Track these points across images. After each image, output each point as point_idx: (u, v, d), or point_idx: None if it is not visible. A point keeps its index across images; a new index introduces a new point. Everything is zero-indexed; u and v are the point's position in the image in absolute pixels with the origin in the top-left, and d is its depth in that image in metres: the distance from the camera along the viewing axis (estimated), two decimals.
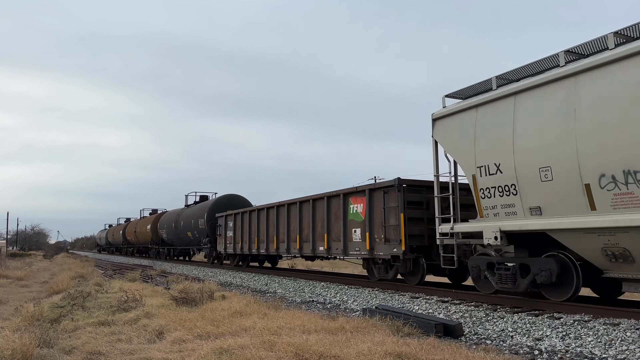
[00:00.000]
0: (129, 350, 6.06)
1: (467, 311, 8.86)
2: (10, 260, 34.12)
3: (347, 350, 5.37)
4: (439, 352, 5.42)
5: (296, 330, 6.66)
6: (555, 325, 7.33)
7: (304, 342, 5.65)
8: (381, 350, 5.38)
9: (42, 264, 34.70)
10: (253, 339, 5.99)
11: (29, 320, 8.26)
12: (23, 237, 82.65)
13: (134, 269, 24.80)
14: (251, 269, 21.73)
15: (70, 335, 7.37)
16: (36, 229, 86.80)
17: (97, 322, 8.05)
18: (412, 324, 7.04)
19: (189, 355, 5.56)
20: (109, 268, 27.26)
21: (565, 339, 6.60)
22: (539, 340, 6.66)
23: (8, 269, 23.45)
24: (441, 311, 9.05)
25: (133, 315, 8.48)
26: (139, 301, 9.85)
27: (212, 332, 6.73)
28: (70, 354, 6.20)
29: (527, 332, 7.09)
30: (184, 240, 31.26)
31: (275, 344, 5.69)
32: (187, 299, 9.71)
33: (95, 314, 9.01)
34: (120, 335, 7.05)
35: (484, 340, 6.86)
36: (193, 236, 29.30)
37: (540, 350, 6.18)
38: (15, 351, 5.69)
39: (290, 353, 5.32)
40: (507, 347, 6.42)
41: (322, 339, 5.98)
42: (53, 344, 6.62)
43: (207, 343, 5.98)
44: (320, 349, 5.38)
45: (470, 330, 7.48)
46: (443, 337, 6.86)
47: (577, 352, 6.03)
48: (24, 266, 27.84)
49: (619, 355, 5.77)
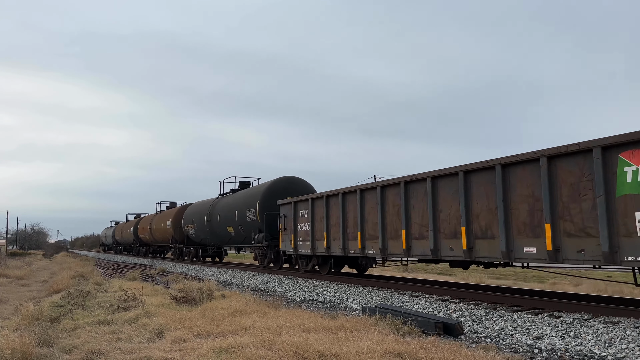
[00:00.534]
0: (129, 350, 6.06)
1: (466, 310, 8.86)
2: (10, 260, 34.15)
3: (346, 349, 5.37)
4: (438, 350, 5.42)
5: (296, 329, 6.66)
6: (555, 323, 7.33)
7: (303, 341, 5.65)
8: (381, 349, 5.38)
9: (41, 263, 34.70)
10: (253, 338, 5.99)
11: (28, 320, 8.25)
12: (23, 236, 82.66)
13: (134, 268, 24.82)
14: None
15: (70, 334, 7.37)
16: (36, 228, 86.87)
17: (97, 321, 8.06)
18: (411, 323, 7.05)
19: (189, 354, 5.56)
20: (108, 267, 27.26)
21: (565, 337, 6.61)
22: (539, 339, 6.67)
23: (8, 268, 23.47)
24: (441, 310, 9.05)
25: (133, 315, 8.48)
26: (138, 300, 9.85)
27: (212, 331, 6.73)
28: (70, 353, 6.19)
29: (527, 331, 7.09)
30: (222, 236, 24.96)
31: (275, 342, 5.70)
32: (186, 298, 9.72)
33: (95, 313, 9.01)
34: (120, 334, 7.05)
35: (484, 338, 6.86)
36: (236, 231, 22.72)
37: (540, 349, 6.18)
38: (15, 350, 5.69)
39: (290, 352, 5.32)
40: (507, 345, 6.43)
41: (322, 337, 5.99)
42: (53, 343, 6.62)
43: (207, 342, 5.98)
44: (320, 348, 5.38)
45: (470, 328, 7.49)
46: (443, 336, 6.86)
47: (577, 350, 6.03)
48: (23, 265, 27.87)
49: (619, 353, 5.77)
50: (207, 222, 26.12)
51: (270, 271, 19.04)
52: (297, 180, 20.77)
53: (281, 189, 19.83)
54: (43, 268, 28.80)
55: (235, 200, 23.07)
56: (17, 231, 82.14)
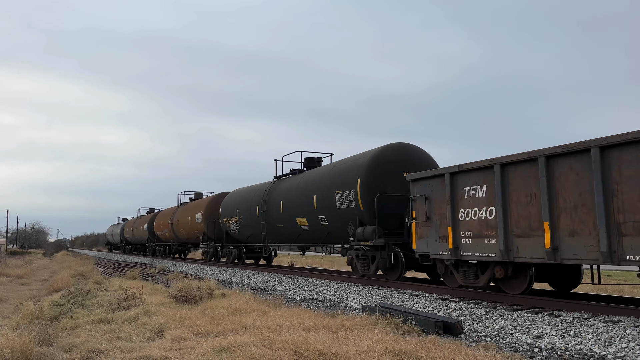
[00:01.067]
0: (129, 348, 6.06)
1: (466, 309, 8.86)
2: (10, 259, 34.15)
3: (346, 348, 5.37)
4: (438, 349, 5.42)
5: (296, 328, 6.66)
6: (555, 322, 7.33)
7: (303, 340, 5.65)
8: (381, 348, 5.38)
9: (42, 262, 34.69)
10: (253, 337, 5.99)
11: (28, 319, 8.26)
12: (23, 235, 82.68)
13: (134, 266, 24.83)
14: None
15: (70, 333, 7.37)
16: (36, 227, 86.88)
17: (97, 320, 8.06)
18: (411, 322, 7.05)
19: (189, 353, 5.56)
20: (108, 266, 27.27)
21: (565, 336, 6.60)
22: (539, 338, 6.67)
23: (8, 267, 23.46)
24: (441, 309, 9.05)
25: (133, 313, 8.48)
26: (138, 299, 9.86)
27: (211, 330, 6.73)
28: (70, 352, 6.20)
29: (527, 330, 7.09)
30: (285, 232, 18.45)
31: (275, 341, 5.69)
32: (186, 297, 9.72)
33: (95, 312, 9.02)
34: (120, 333, 7.05)
35: (484, 337, 6.86)
36: (313, 225, 16.13)
37: (540, 348, 6.18)
38: (15, 349, 5.69)
39: (290, 351, 5.31)
40: (507, 344, 6.43)
41: (322, 336, 5.98)
42: (53, 342, 6.62)
43: (206, 341, 5.98)
44: (320, 347, 5.37)
45: (470, 327, 7.49)
46: (443, 335, 6.86)
47: (577, 349, 6.03)
48: (23, 264, 27.86)
49: (619, 352, 5.77)
50: (262, 214, 19.63)
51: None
52: (413, 148, 14.06)
53: (390, 162, 13.55)
54: (43, 267, 28.80)
55: (312, 181, 16.50)
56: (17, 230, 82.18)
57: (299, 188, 17.24)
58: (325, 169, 16.45)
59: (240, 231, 22.49)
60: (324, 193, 15.21)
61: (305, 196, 16.40)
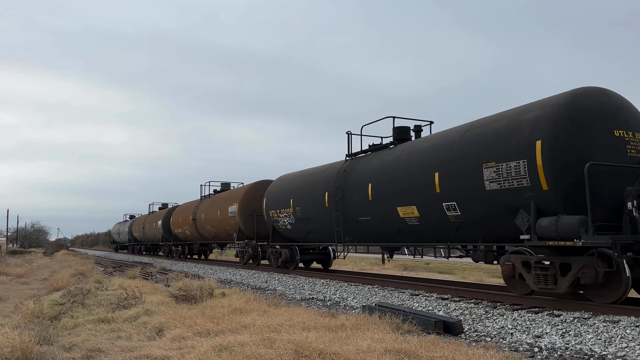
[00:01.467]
0: (129, 348, 6.06)
1: (466, 308, 8.86)
2: (11, 258, 34.14)
3: (346, 348, 5.37)
4: (438, 349, 5.42)
5: (296, 327, 6.66)
6: (555, 322, 7.33)
7: (303, 340, 5.65)
8: (381, 347, 5.38)
9: (42, 262, 34.70)
10: (253, 336, 5.99)
11: (28, 318, 8.26)
12: (23, 235, 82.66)
13: (134, 266, 24.84)
14: None
15: (70, 332, 7.38)
16: (36, 226, 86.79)
17: (97, 320, 8.06)
18: (411, 321, 7.05)
19: (189, 353, 5.56)
20: (109, 265, 27.28)
21: (565, 336, 6.60)
22: (539, 338, 6.67)
23: (8, 266, 23.45)
24: (441, 308, 9.05)
25: (133, 313, 8.49)
26: (138, 298, 9.86)
27: (211, 330, 6.73)
28: (70, 351, 6.20)
29: (527, 330, 7.09)
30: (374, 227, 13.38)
31: (275, 341, 5.69)
32: (186, 297, 9.72)
33: (95, 311, 9.02)
34: (120, 332, 7.05)
35: (484, 337, 6.86)
36: (429, 216, 11.27)
37: (540, 348, 6.18)
38: (15, 348, 5.69)
39: (290, 350, 5.31)
40: (507, 344, 6.43)
41: (322, 336, 5.99)
42: (53, 341, 6.63)
43: (206, 340, 5.98)
44: (320, 346, 5.38)
45: (470, 327, 7.49)
46: (443, 335, 6.86)
47: (577, 349, 6.03)
48: (24, 263, 27.86)
49: (619, 352, 5.77)
50: (334, 202, 14.52)
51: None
52: (618, 97, 9.03)
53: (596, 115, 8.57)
54: (43, 266, 28.79)
55: (425, 153, 11.59)
56: (17, 229, 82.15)
57: (401, 164, 12.19)
58: (450, 135, 11.16)
59: (294, 226, 17.45)
60: (455, 168, 10.40)
61: (416, 175, 11.48)
